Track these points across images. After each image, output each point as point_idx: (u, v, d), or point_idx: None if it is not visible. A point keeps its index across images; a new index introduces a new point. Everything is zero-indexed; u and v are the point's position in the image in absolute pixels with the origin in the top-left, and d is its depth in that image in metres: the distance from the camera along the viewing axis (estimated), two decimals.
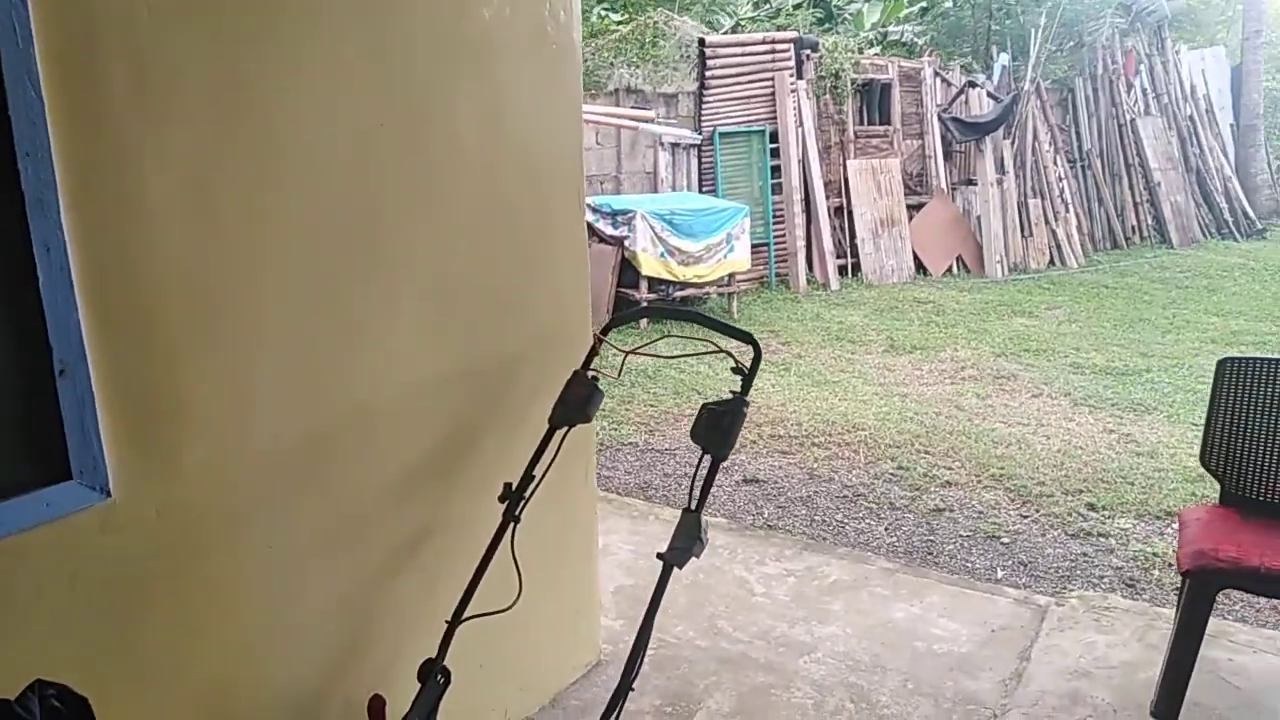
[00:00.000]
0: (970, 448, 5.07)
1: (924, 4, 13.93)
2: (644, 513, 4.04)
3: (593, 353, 2.42)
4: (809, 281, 9.75)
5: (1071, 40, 12.62)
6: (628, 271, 7.71)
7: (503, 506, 2.21)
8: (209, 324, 1.72)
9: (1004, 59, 11.81)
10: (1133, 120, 12.27)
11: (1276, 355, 2.64)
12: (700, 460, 2.21)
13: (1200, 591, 2.34)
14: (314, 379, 1.94)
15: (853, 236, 10.15)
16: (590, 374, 2.37)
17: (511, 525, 2.22)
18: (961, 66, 11.77)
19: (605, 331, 2.48)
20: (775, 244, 9.73)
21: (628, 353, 2.46)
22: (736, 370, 2.31)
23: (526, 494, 2.26)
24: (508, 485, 2.24)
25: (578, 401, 2.35)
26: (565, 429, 2.33)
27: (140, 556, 1.66)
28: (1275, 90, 17.52)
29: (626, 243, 7.53)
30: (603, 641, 2.93)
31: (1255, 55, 14.49)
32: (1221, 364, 2.65)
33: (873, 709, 2.62)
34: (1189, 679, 2.39)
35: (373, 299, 2.06)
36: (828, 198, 10.00)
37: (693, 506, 2.16)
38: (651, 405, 5.84)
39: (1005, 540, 3.97)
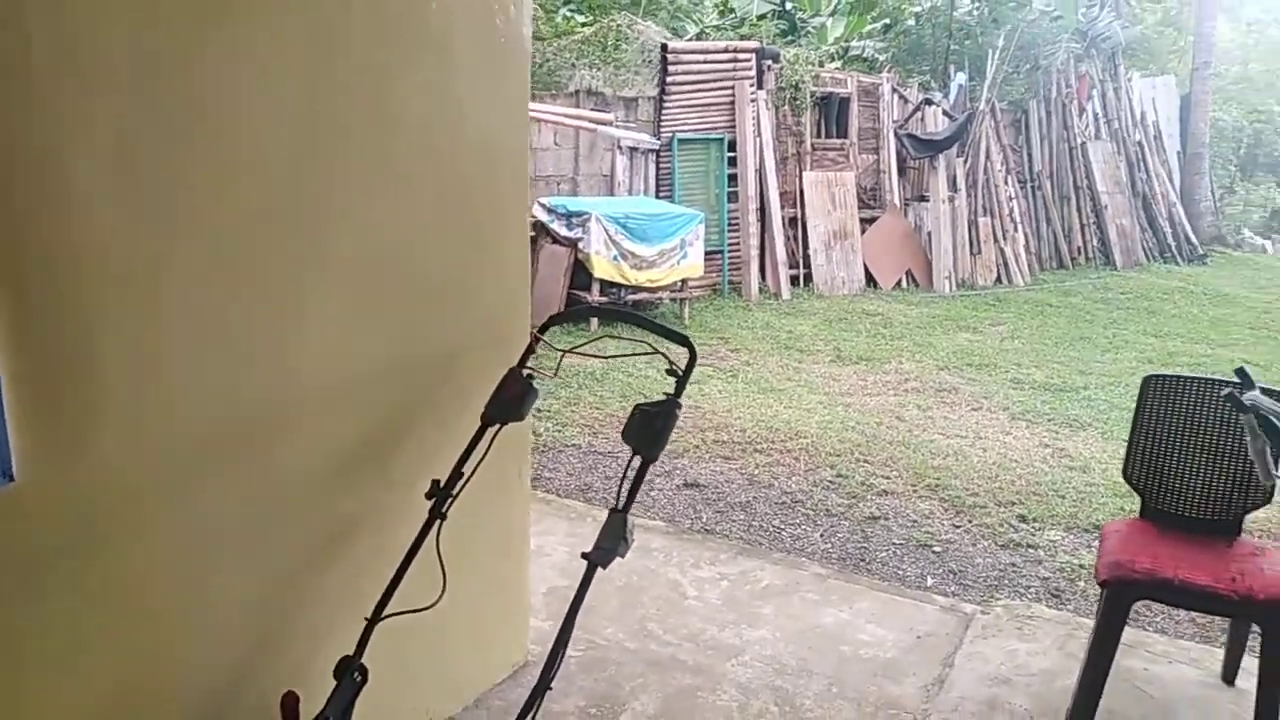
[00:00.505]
0: (909, 458, 5.14)
1: (886, 21, 14.13)
2: (582, 514, 4.03)
3: (529, 351, 2.41)
4: (761, 290, 9.82)
5: (1028, 63, 12.89)
6: (580, 273, 7.70)
7: (430, 504, 2.19)
8: (121, 304, 1.67)
9: (961, 78, 12.02)
10: (1083, 144, 12.57)
11: (1198, 374, 2.71)
12: (630, 461, 2.20)
13: (1116, 602, 2.39)
14: (234, 363, 1.90)
15: (806, 247, 10.25)
16: (526, 372, 2.36)
17: (437, 523, 2.20)
18: (919, 84, 11.96)
19: (543, 330, 2.47)
20: (729, 252, 9.79)
21: (565, 352, 2.46)
22: (671, 372, 2.32)
23: (454, 491, 2.24)
24: (435, 482, 2.22)
25: (511, 400, 2.33)
26: (497, 427, 2.32)
27: (43, 544, 1.61)
28: (1221, 120, 18.08)
29: (580, 244, 7.52)
30: (532, 643, 2.92)
31: (1203, 86, 14.94)
32: (1146, 381, 2.72)
33: (796, 712, 2.64)
34: (1103, 687, 2.44)
35: (302, 283, 2.02)
36: (783, 208, 10.09)
37: (620, 506, 2.15)
38: (597, 408, 5.83)
39: (937, 549, 4.03)
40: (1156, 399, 2.67)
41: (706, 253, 9.13)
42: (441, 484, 2.23)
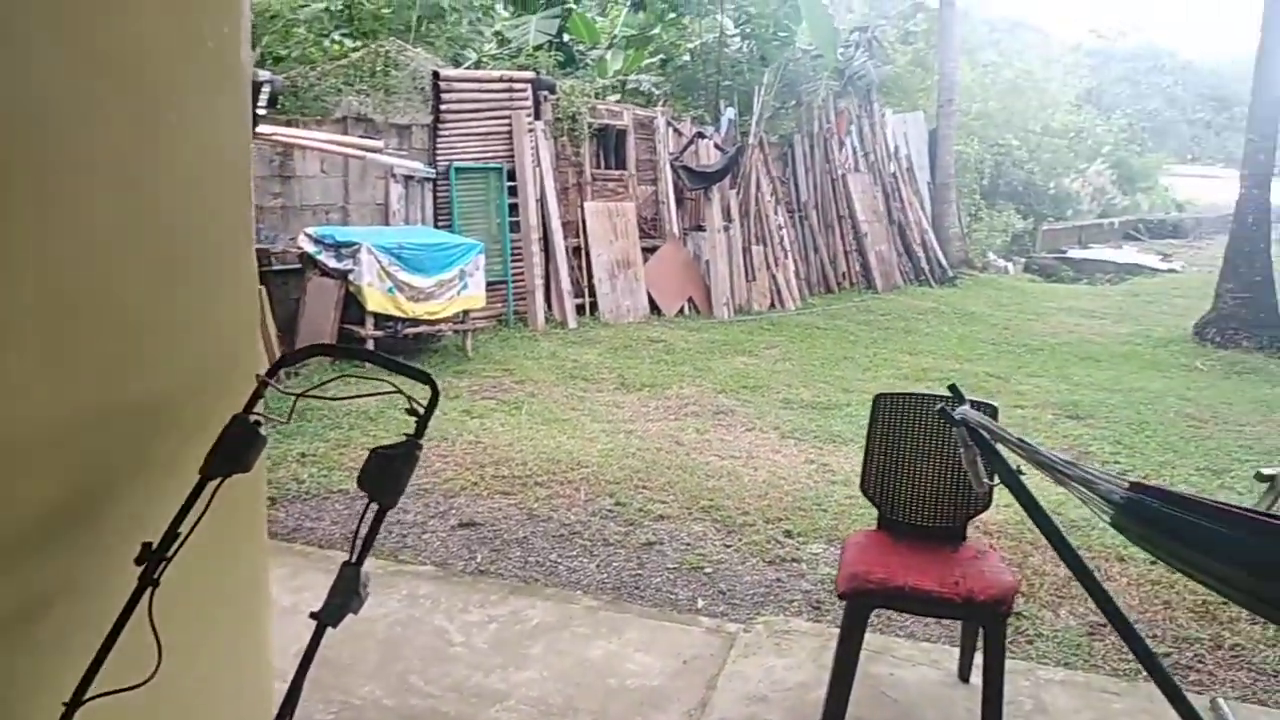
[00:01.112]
0: (685, 481, 5.24)
1: (663, 56, 14.63)
2: None
3: (256, 395, 2.23)
4: (547, 320, 9.81)
5: (793, 99, 13.72)
6: (353, 307, 7.38)
7: (140, 569, 1.97)
8: None
9: (731, 113, 12.60)
10: (844, 175, 13.50)
11: (923, 391, 2.91)
12: (366, 508, 2.08)
13: (855, 612, 2.50)
14: None
15: (590, 276, 10.35)
16: (254, 419, 2.19)
17: (150, 590, 1.99)
18: (693, 118, 12.43)
19: (272, 373, 2.31)
20: (514, 282, 9.72)
21: (297, 396, 2.31)
22: (411, 411, 2.21)
23: (168, 554, 2.03)
24: (146, 545, 2.00)
25: (235, 450, 2.15)
26: (219, 480, 2.13)
27: None
28: (965, 153, 20.00)
29: (351, 276, 7.21)
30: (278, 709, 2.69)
31: (948, 121, 16.45)
32: (876, 399, 2.89)
33: None
34: (849, 695, 2.54)
35: None
36: (566, 237, 10.15)
37: (353, 559, 2.02)
38: (370, 448, 5.55)
39: (709, 570, 4.11)
40: (886, 416, 2.85)
41: (490, 283, 9.01)
42: (154, 546, 2.03)
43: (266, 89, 5.99)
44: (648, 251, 10.97)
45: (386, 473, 2.10)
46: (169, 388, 2.26)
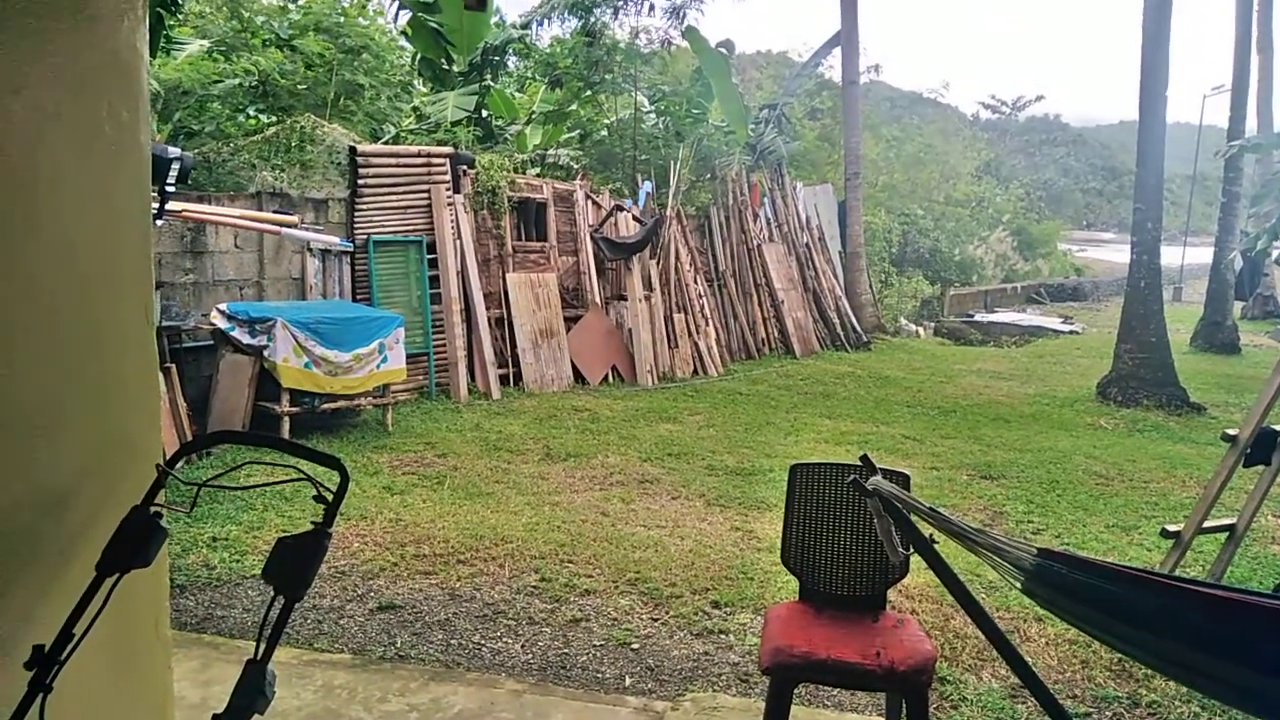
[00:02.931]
0: (611, 554, 5.19)
1: (580, 131, 14.91)
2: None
3: (157, 485, 2.15)
4: (471, 391, 9.72)
5: (708, 173, 14.10)
6: (268, 383, 7.19)
7: (30, 674, 1.85)
8: None
9: (648, 186, 12.87)
10: (759, 245, 13.85)
11: (838, 461, 2.95)
12: (272, 602, 2.00)
13: (779, 687, 2.49)
14: None
15: (514, 346, 10.33)
16: (154, 510, 2.10)
17: (41, 697, 1.86)
18: (611, 191, 12.65)
19: (174, 461, 2.23)
20: (436, 354, 9.63)
21: (199, 486, 2.23)
22: (319, 499, 2.14)
23: (62, 657, 1.91)
24: (38, 648, 1.89)
25: (134, 543, 2.05)
26: (117, 576, 2.03)
27: None
28: (873, 223, 20.75)
29: (266, 352, 7.04)
30: None
31: (855, 193, 17.08)
32: (793, 470, 2.92)
33: None
34: None
35: None
36: (488, 308, 10.13)
37: (258, 656, 1.93)
38: (286, 529, 5.38)
39: (636, 646, 4.05)
40: (803, 486, 2.88)
41: (411, 355, 8.92)
42: (46, 648, 1.91)
43: (176, 165, 5.89)
44: (571, 321, 11.02)
45: (293, 564, 2.02)
46: (62, 480, 2.16)
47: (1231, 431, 4.31)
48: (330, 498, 2.14)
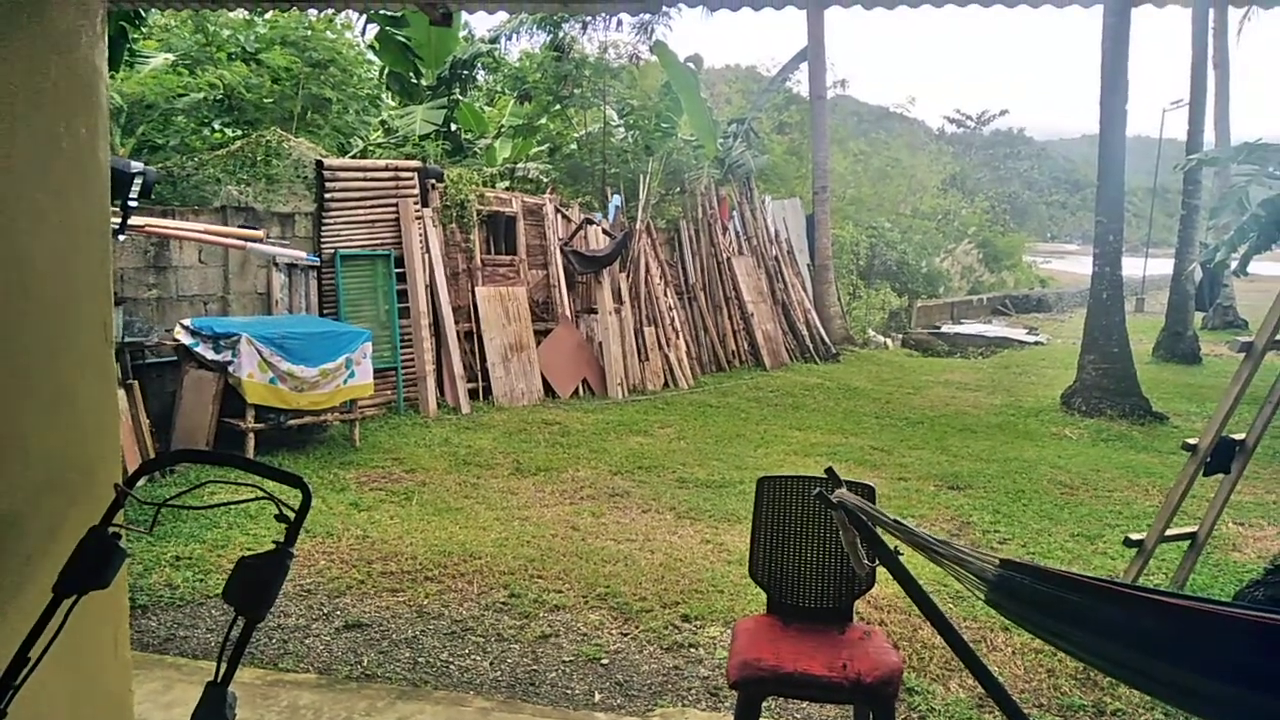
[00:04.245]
0: (581, 568, 5.17)
1: (550, 145, 14.93)
2: None
3: (115, 506, 2.11)
4: (440, 405, 9.66)
5: (677, 187, 14.16)
6: (233, 399, 7.10)
7: None
8: None
9: (618, 200, 12.90)
10: (729, 259, 13.91)
11: (805, 474, 2.97)
12: (233, 623, 1.97)
13: (748, 700, 2.49)
14: None
15: (483, 360, 10.28)
16: (112, 530, 2.06)
17: None
18: (581, 204, 12.67)
19: (134, 480, 2.19)
20: (404, 368, 9.57)
21: (159, 506, 2.20)
22: (281, 518, 2.12)
23: (17, 683, 1.88)
24: None
25: (91, 564, 2.02)
26: (74, 598, 1.99)
27: None
28: (841, 236, 20.93)
29: (230, 368, 6.95)
30: None
31: (823, 207, 17.21)
32: (760, 483, 2.93)
33: None
34: None
35: None
36: (457, 322, 10.09)
37: (218, 679, 1.90)
38: (251, 547, 5.30)
39: (605, 662, 4.04)
40: (770, 499, 2.89)
41: (379, 370, 8.86)
42: (1, 674, 1.87)
43: (139, 180, 5.82)
44: (541, 334, 11.00)
45: (255, 584, 2.00)
46: (17, 501, 2.13)
47: (1192, 441, 4.38)
48: (292, 516, 2.13)
